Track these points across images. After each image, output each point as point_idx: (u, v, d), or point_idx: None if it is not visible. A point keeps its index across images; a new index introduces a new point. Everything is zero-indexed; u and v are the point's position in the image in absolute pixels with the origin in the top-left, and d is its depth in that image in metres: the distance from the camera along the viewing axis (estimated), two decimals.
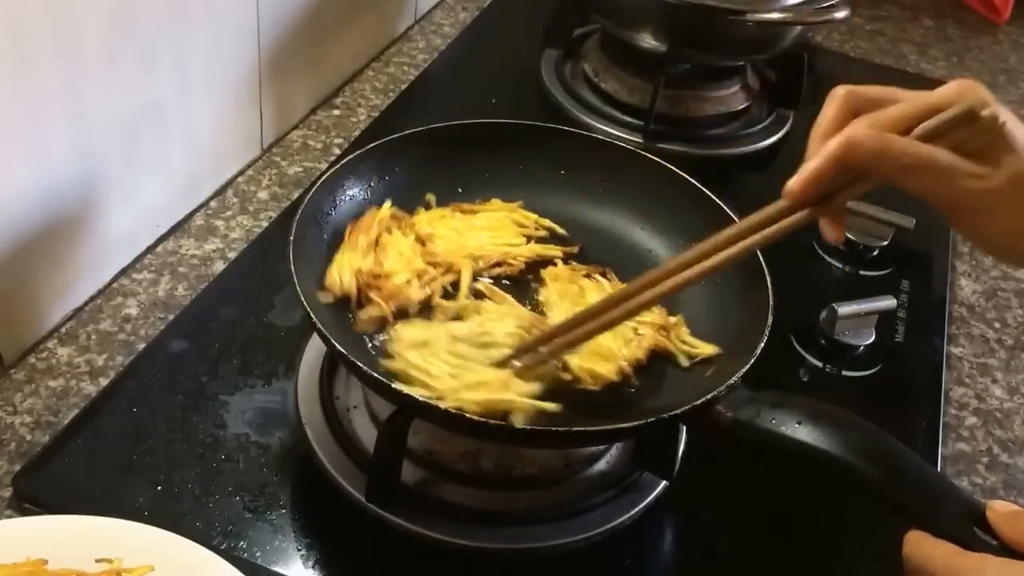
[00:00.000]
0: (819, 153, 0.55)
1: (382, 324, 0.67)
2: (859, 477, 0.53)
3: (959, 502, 0.51)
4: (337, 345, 0.60)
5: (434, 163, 0.77)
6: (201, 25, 0.83)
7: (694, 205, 0.73)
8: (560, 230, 0.77)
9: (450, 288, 0.71)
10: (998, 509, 0.49)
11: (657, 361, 0.68)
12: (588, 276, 0.74)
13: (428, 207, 0.77)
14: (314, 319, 0.61)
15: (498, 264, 0.73)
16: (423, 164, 0.77)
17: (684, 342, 0.69)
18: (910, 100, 0.56)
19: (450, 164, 0.77)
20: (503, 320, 0.67)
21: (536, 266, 0.74)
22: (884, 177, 0.55)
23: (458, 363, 0.63)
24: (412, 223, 0.74)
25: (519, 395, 0.61)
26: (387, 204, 0.74)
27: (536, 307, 0.71)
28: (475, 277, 0.72)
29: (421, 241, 0.73)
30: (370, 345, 0.66)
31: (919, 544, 0.49)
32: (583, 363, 0.66)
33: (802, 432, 0.55)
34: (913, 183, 0.54)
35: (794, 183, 0.56)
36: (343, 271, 0.68)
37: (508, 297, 0.70)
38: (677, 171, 0.74)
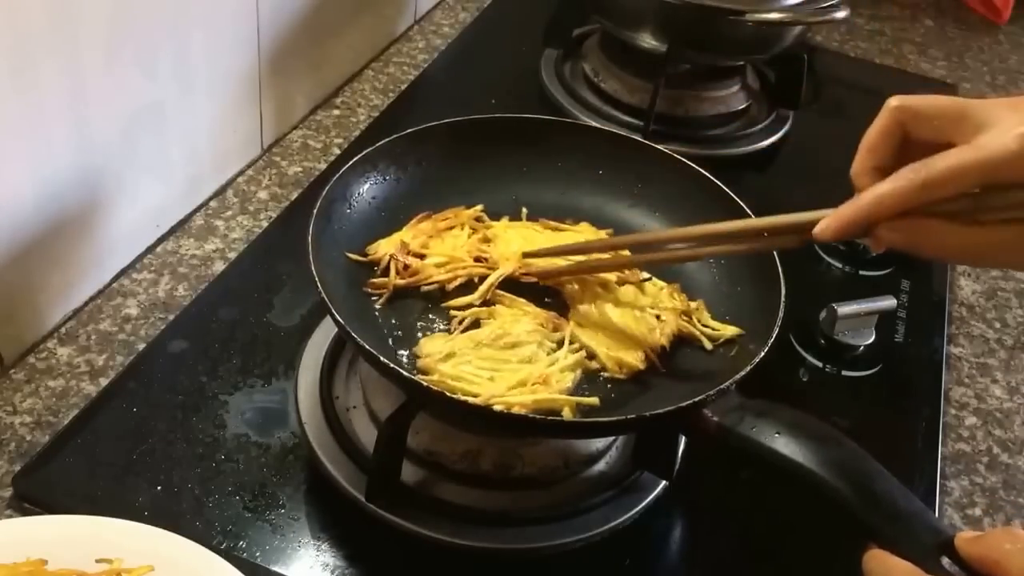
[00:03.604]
0: (857, 206, 0.53)
1: (384, 295, 0.69)
2: (829, 494, 0.53)
3: (929, 529, 0.50)
4: (353, 333, 0.60)
5: (469, 155, 0.77)
6: (201, 25, 0.83)
7: (727, 215, 0.73)
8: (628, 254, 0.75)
9: (476, 281, 0.71)
10: (965, 536, 0.49)
11: (683, 346, 0.69)
12: None
13: (518, 218, 0.77)
14: (325, 297, 0.61)
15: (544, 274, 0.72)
16: (459, 154, 0.77)
17: (707, 326, 0.70)
18: (967, 156, 0.50)
19: (486, 156, 0.78)
20: (520, 321, 0.68)
21: None
22: None
23: (491, 367, 0.64)
24: (488, 226, 0.75)
25: (560, 392, 0.63)
26: (478, 207, 0.75)
27: (560, 302, 0.71)
28: (511, 280, 0.71)
29: (486, 240, 0.73)
30: (393, 344, 0.67)
31: (884, 561, 0.49)
32: (610, 352, 0.67)
33: (779, 443, 0.55)
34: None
35: (825, 230, 0.55)
36: (391, 244, 0.70)
37: (518, 299, 0.70)
38: (713, 179, 0.74)
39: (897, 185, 0.52)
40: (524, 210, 0.77)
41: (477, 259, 0.72)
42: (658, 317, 0.70)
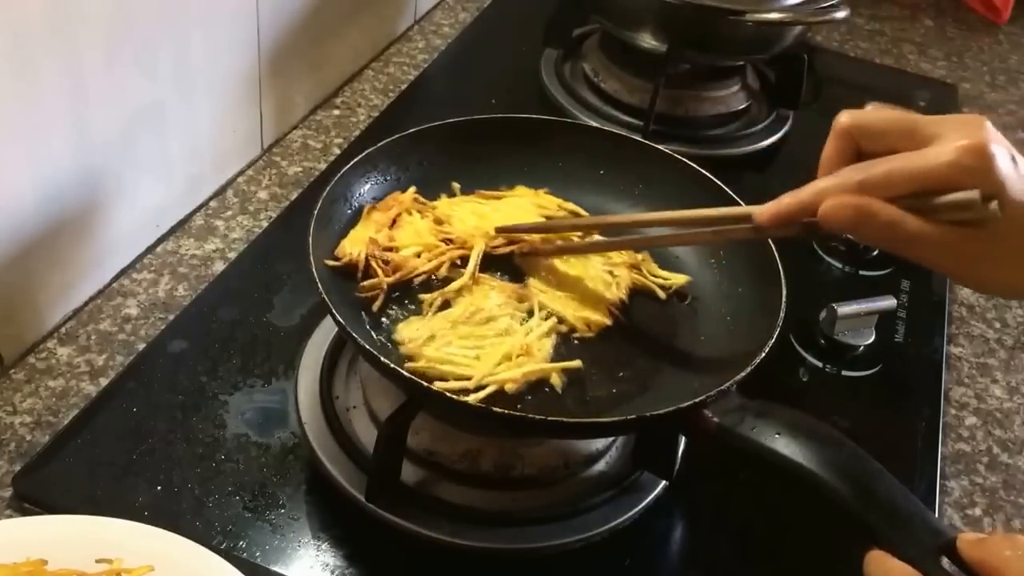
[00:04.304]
0: (798, 196, 0.55)
1: (380, 296, 0.68)
2: (829, 495, 0.53)
3: (929, 530, 0.51)
4: (354, 333, 0.60)
5: (470, 155, 0.77)
6: (201, 25, 0.83)
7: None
8: (582, 212, 0.77)
9: (458, 262, 0.71)
10: (967, 538, 0.49)
11: (674, 332, 0.71)
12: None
13: (453, 195, 0.77)
14: (325, 297, 0.61)
15: (512, 242, 0.73)
16: (460, 154, 0.77)
17: (656, 275, 0.73)
18: (907, 162, 0.52)
19: (486, 156, 0.78)
20: (489, 295, 0.68)
21: None
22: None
23: (473, 344, 0.65)
24: (433, 207, 0.75)
25: (542, 360, 0.65)
26: (411, 189, 0.75)
27: (515, 272, 0.72)
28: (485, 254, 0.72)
29: (439, 222, 0.73)
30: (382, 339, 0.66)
31: (882, 563, 0.49)
32: (577, 313, 0.69)
33: (780, 443, 0.55)
34: (894, 251, 0.54)
35: (763, 213, 0.57)
36: (355, 244, 0.69)
37: (483, 275, 0.70)
38: (714, 179, 0.74)
39: (836, 182, 0.53)
40: (456, 184, 0.77)
41: (445, 242, 0.72)
42: (611, 273, 0.72)
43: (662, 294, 0.72)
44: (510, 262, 0.72)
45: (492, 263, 0.71)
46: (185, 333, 0.78)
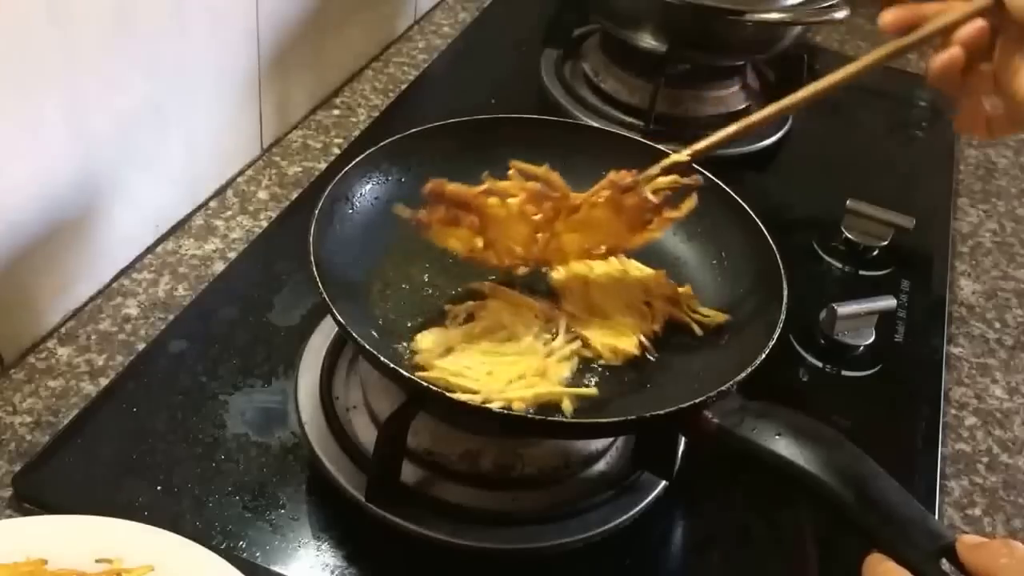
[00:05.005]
0: None
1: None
2: (829, 496, 0.53)
3: (929, 533, 0.51)
4: (354, 333, 0.60)
5: (470, 155, 0.77)
6: (201, 25, 0.83)
7: (729, 218, 0.74)
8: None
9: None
10: (966, 541, 0.49)
11: (674, 332, 0.70)
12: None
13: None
14: (326, 297, 0.61)
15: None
16: (460, 154, 0.76)
17: (696, 312, 0.71)
18: None
19: (487, 156, 0.77)
20: (515, 313, 0.68)
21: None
22: None
23: (489, 360, 0.64)
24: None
25: (558, 383, 0.64)
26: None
27: (550, 291, 0.71)
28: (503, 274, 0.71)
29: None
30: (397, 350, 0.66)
31: (880, 565, 0.49)
32: (604, 340, 0.67)
33: (780, 445, 0.55)
34: None
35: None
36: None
37: (511, 292, 0.70)
38: (714, 179, 0.74)
39: None
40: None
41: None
42: (648, 304, 0.71)
43: (699, 331, 0.70)
44: (545, 282, 0.72)
45: (527, 283, 0.71)
46: (185, 333, 0.78)
